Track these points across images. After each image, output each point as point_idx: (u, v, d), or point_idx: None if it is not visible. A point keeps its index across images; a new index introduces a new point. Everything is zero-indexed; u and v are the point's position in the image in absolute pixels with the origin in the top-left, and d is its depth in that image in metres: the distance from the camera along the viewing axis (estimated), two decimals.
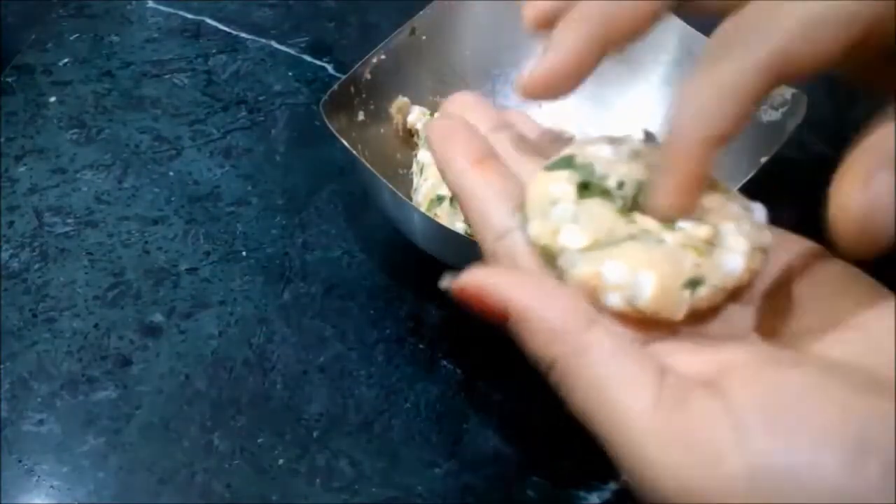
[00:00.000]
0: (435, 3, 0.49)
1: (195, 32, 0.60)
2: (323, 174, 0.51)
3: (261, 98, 0.56)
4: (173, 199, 0.50)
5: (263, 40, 0.59)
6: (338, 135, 0.42)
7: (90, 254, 0.47)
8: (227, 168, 0.52)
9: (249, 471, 0.39)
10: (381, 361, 0.43)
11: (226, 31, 0.60)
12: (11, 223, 0.48)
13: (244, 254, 0.48)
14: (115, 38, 0.59)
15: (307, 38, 0.59)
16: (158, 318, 0.44)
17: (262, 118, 0.55)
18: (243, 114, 0.55)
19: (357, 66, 0.46)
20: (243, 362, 0.43)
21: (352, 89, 0.46)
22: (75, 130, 0.53)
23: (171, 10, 0.61)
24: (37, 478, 0.39)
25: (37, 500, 0.38)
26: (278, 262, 0.47)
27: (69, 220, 0.49)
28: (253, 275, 0.47)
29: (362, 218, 0.49)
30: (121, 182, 0.51)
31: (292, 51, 0.59)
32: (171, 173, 0.51)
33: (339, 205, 0.50)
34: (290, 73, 0.57)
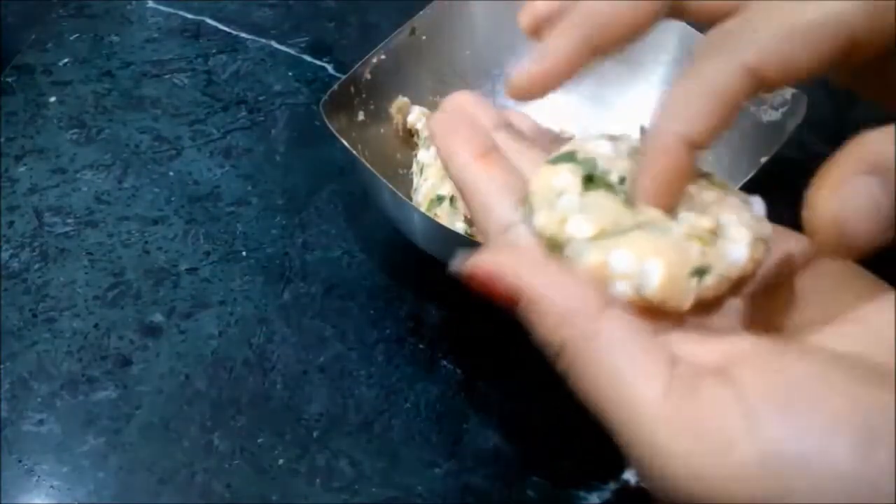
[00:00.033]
0: (435, 3, 0.49)
1: (195, 32, 0.60)
2: (323, 174, 0.51)
3: (261, 98, 0.56)
4: (173, 199, 0.50)
5: (263, 40, 0.59)
6: (338, 135, 0.42)
7: (90, 254, 0.47)
8: (227, 168, 0.52)
9: (249, 471, 0.39)
10: (381, 361, 0.43)
11: (226, 31, 0.60)
12: (11, 223, 0.48)
13: (244, 254, 0.48)
14: (115, 38, 0.59)
15: (307, 38, 0.59)
16: (158, 318, 0.44)
17: (262, 118, 0.55)
18: (243, 114, 0.55)
19: (357, 66, 0.46)
20: (243, 362, 0.43)
21: (352, 89, 0.46)
22: (75, 130, 0.53)
23: (171, 10, 0.61)
24: (37, 478, 0.39)
25: (37, 500, 0.38)
26: (278, 262, 0.47)
27: (69, 220, 0.49)
28: (253, 275, 0.47)
29: (362, 218, 0.49)
30: (121, 182, 0.51)
31: (292, 51, 0.59)
32: (171, 173, 0.51)
33: (339, 205, 0.50)
34: (290, 73, 0.57)
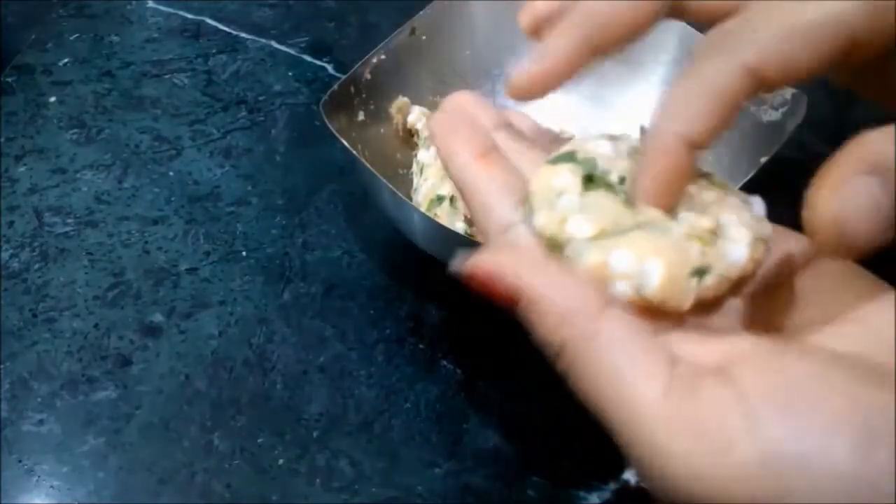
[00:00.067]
0: (435, 3, 0.49)
1: (195, 32, 0.60)
2: (323, 174, 0.51)
3: (261, 98, 0.56)
4: (173, 199, 0.50)
5: (263, 40, 0.59)
6: (338, 135, 0.42)
7: (90, 254, 0.47)
8: (227, 168, 0.52)
9: (249, 471, 0.39)
10: (381, 361, 0.43)
11: (226, 31, 0.60)
12: (11, 223, 0.48)
13: (244, 254, 0.48)
14: (115, 38, 0.59)
15: (307, 38, 0.59)
16: (158, 318, 0.44)
17: (262, 118, 0.55)
18: (243, 114, 0.55)
19: (357, 66, 0.46)
20: (243, 362, 0.43)
21: (352, 89, 0.46)
22: (75, 130, 0.53)
23: (171, 10, 0.61)
24: (37, 478, 0.39)
25: (37, 500, 0.38)
26: (278, 262, 0.47)
27: (69, 220, 0.49)
28: (253, 275, 0.47)
29: (362, 218, 0.49)
30: (121, 182, 0.51)
31: (292, 51, 0.59)
32: (171, 173, 0.51)
33: (339, 205, 0.50)
34: (290, 73, 0.57)
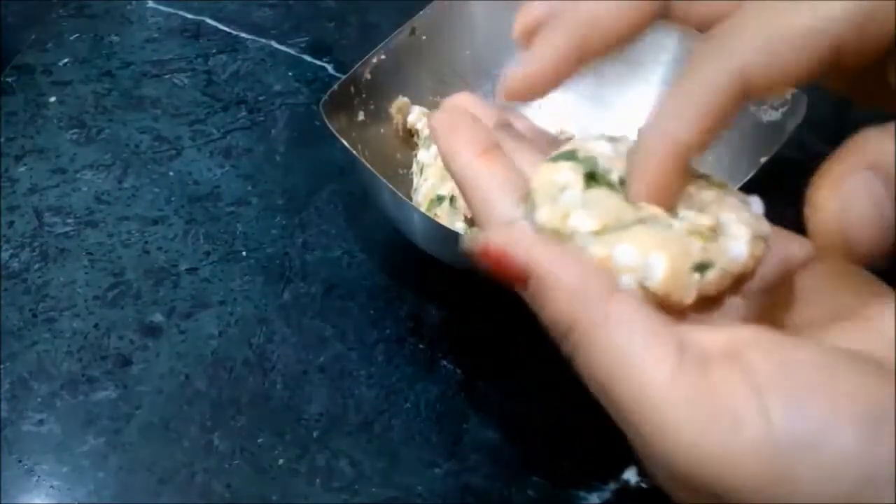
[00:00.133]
0: (435, 3, 0.49)
1: (195, 32, 0.60)
2: (323, 174, 0.51)
3: (261, 98, 0.56)
4: (173, 199, 0.50)
5: (263, 40, 0.59)
6: (338, 135, 0.42)
7: (90, 254, 0.47)
8: (227, 168, 0.52)
9: (249, 471, 0.39)
10: (381, 361, 0.43)
11: (226, 31, 0.60)
12: (11, 223, 0.48)
13: (244, 254, 0.48)
14: (115, 38, 0.59)
15: (307, 38, 0.59)
16: (158, 318, 0.44)
17: (262, 118, 0.55)
18: (243, 114, 0.55)
19: (357, 66, 0.46)
20: (243, 362, 0.43)
21: (352, 89, 0.46)
22: (75, 130, 0.53)
23: (171, 10, 0.61)
24: (37, 478, 0.39)
25: (37, 500, 0.38)
26: (278, 262, 0.47)
27: (69, 220, 0.49)
28: (253, 275, 0.47)
29: (362, 218, 0.49)
30: (121, 182, 0.51)
31: (292, 51, 0.59)
32: (171, 173, 0.51)
33: (339, 205, 0.50)
34: (290, 73, 0.57)
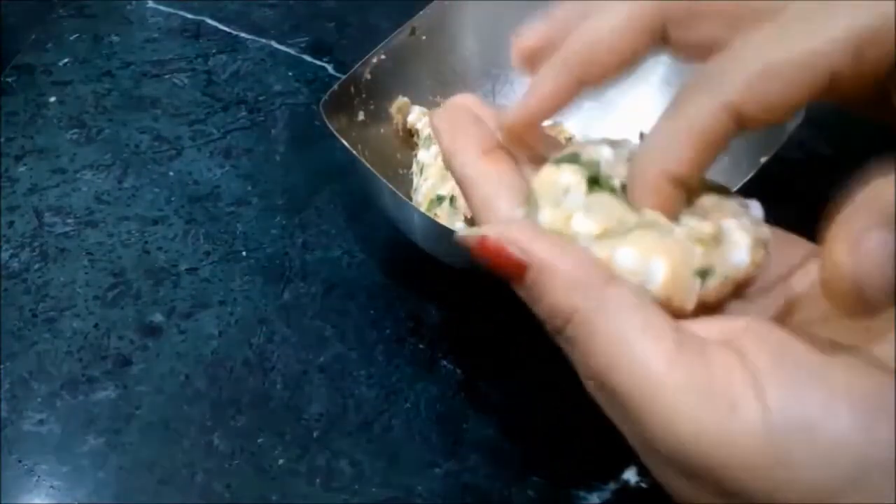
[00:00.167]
0: (435, 3, 0.49)
1: (195, 32, 0.60)
2: (323, 174, 0.51)
3: (261, 98, 0.56)
4: (173, 199, 0.50)
5: (263, 40, 0.59)
6: (338, 135, 0.42)
7: (90, 254, 0.47)
8: (227, 168, 0.52)
9: (249, 471, 0.39)
10: (381, 361, 0.43)
11: (226, 31, 0.60)
12: (11, 223, 0.48)
13: (244, 254, 0.48)
14: (115, 38, 0.59)
15: (307, 38, 0.59)
16: (158, 318, 0.44)
17: (262, 118, 0.55)
18: (243, 114, 0.55)
19: (357, 66, 0.46)
20: (243, 362, 0.43)
21: (352, 89, 0.46)
22: (75, 130, 0.53)
23: (171, 10, 0.61)
24: (37, 478, 0.39)
25: (37, 500, 0.38)
26: (278, 262, 0.47)
27: (69, 220, 0.49)
28: (253, 275, 0.47)
29: (362, 218, 0.49)
30: (121, 182, 0.51)
31: (292, 51, 0.59)
32: (171, 173, 0.51)
33: (339, 205, 0.50)
34: (290, 73, 0.57)
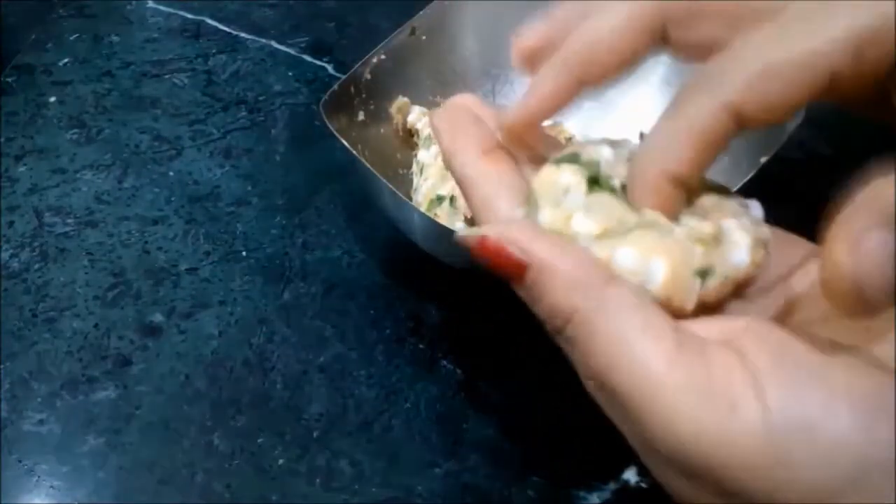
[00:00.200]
0: (435, 3, 0.49)
1: (195, 32, 0.60)
2: (323, 174, 0.51)
3: (261, 98, 0.56)
4: (173, 199, 0.50)
5: (263, 40, 0.59)
6: (338, 135, 0.42)
7: (90, 254, 0.47)
8: (227, 168, 0.52)
9: (249, 471, 0.39)
10: (381, 361, 0.43)
11: (226, 31, 0.60)
12: (11, 223, 0.48)
13: (244, 254, 0.48)
14: (115, 38, 0.59)
15: (307, 38, 0.59)
16: (158, 318, 0.44)
17: (262, 118, 0.55)
18: (243, 114, 0.55)
19: (357, 66, 0.46)
20: (243, 362, 0.43)
21: (352, 89, 0.46)
22: (75, 130, 0.53)
23: (171, 10, 0.61)
24: (37, 478, 0.39)
25: (37, 500, 0.38)
26: (278, 262, 0.47)
27: (69, 220, 0.49)
28: (253, 275, 0.47)
29: (362, 218, 0.49)
30: (121, 182, 0.51)
31: (292, 51, 0.59)
32: (171, 173, 0.51)
33: (339, 205, 0.50)
34: (290, 73, 0.57)
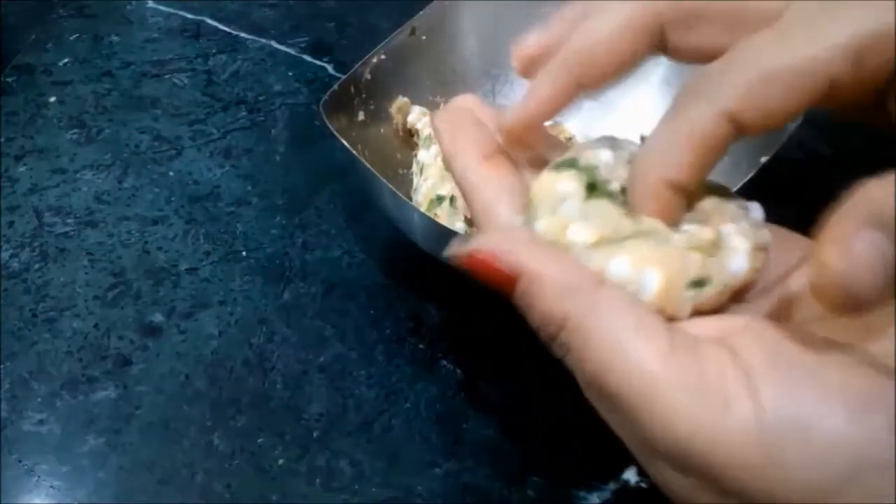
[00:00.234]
0: (435, 3, 0.49)
1: (195, 32, 0.60)
2: (323, 174, 0.51)
3: (261, 98, 0.56)
4: (173, 199, 0.50)
5: (263, 40, 0.59)
6: (338, 135, 0.42)
7: (90, 254, 0.47)
8: (227, 168, 0.52)
9: (249, 471, 0.39)
10: (381, 361, 0.43)
11: (226, 31, 0.60)
12: (11, 223, 0.48)
13: (244, 254, 0.48)
14: (115, 38, 0.59)
15: (307, 38, 0.59)
16: (158, 318, 0.44)
17: (262, 118, 0.55)
18: (243, 114, 0.55)
19: (357, 66, 0.46)
20: (243, 362, 0.43)
21: (352, 89, 0.46)
22: (75, 130, 0.53)
23: (171, 10, 0.61)
24: (37, 478, 0.39)
25: (37, 500, 0.38)
26: (278, 262, 0.47)
27: (69, 220, 0.49)
28: (253, 275, 0.47)
29: (362, 218, 0.49)
30: (121, 182, 0.51)
31: (292, 51, 0.59)
32: (171, 173, 0.51)
33: (339, 205, 0.50)
34: (290, 73, 0.57)
